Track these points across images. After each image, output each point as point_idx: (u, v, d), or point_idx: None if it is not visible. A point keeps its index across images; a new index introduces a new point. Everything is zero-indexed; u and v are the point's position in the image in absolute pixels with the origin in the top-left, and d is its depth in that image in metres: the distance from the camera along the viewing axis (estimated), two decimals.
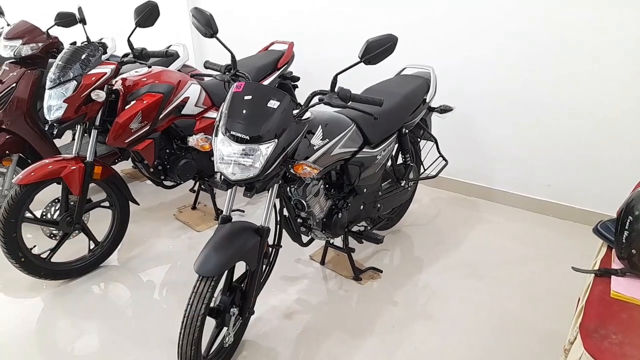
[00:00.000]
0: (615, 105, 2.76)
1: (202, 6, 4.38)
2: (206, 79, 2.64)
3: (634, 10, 2.56)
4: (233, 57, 1.95)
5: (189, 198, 3.50)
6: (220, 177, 1.71)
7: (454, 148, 3.36)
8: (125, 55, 2.46)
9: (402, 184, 2.65)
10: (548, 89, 2.94)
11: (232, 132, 1.63)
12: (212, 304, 1.76)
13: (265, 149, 1.63)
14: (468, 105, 3.26)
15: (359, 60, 1.71)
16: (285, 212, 2.16)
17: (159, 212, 3.35)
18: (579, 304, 1.28)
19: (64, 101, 2.27)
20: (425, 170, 2.85)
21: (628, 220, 1.24)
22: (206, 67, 2.07)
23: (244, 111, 1.66)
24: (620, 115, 2.76)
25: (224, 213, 1.87)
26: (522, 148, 3.18)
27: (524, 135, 3.14)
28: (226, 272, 1.81)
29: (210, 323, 1.81)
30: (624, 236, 1.25)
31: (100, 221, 2.74)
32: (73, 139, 4.24)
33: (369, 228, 2.61)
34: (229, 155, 1.64)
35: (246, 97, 1.68)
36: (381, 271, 2.62)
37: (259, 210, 3.34)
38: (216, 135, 1.70)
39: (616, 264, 1.30)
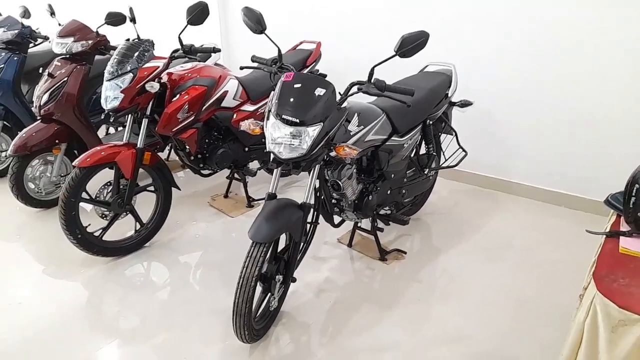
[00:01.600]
0: (625, 100, 2.95)
1: (230, 7, 4.65)
2: (246, 72, 2.86)
3: (634, 11, 2.74)
4: (279, 51, 2.18)
5: (221, 187, 3.73)
6: (270, 156, 1.93)
7: (471, 142, 3.55)
8: (175, 50, 2.69)
9: (425, 172, 2.86)
10: (561, 85, 3.15)
11: (283, 116, 1.85)
12: None
13: (313, 131, 1.84)
14: (486, 101, 3.47)
15: (394, 53, 1.93)
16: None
17: (194, 200, 3.58)
18: (592, 260, 1.48)
19: (120, 92, 2.50)
20: (446, 160, 3.05)
21: (635, 189, 1.44)
22: (253, 61, 2.30)
23: (294, 98, 1.88)
24: (631, 109, 2.95)
25: (270, 190, 2.08)
26: (537, 142, 3.39)
27: (540, 129, 3.34)
28: (272, 243, 2.02)
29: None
30: (631, 202, 1.45)
31: (143, 205, 2.96)
32: (107, 132, 4.52)
33: (393, 212, 2.82)
34: (279, 137, 1.86)
35: (296, 86, 1.90)
36: (405, 252, 2.82)
37: None
38: (267, 119, 1.92)
39: (624, 227, 1.51)
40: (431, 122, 2.77)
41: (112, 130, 4.52)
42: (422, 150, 2.94)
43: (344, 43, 4.04)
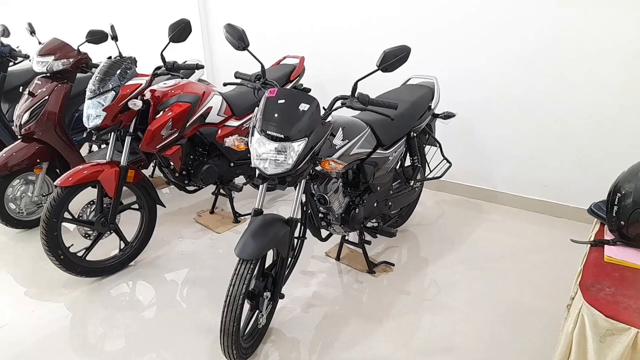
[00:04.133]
0: (606, 109, 3.00)
1: (213, 23, 4.65)
2: (230, 88, 2.86)
3: (622, 19, 2.81)
4: (263, 67, 2.18)
5: (206, 204, 3.70)
6: (256, 172, 1.92)
7: (455, 153, 3.59)
8: (158, 67, 2.68)
9: (411, 184, 2.87)
10: (544, 95, 3.20)
11: (267, 132, 1.85)
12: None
13: (297, 146, 1.84)
14: (468, 111, 3.51)
15: (376, 68, 1.94)
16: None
17: (180, 216, 3.54)
18: (578, 270, 1.49)
19: (103, 110, 2.48)
20: (431, 171, 3.07)
21: (617, 198, 1.46)
22: (236, 77, 2.30)
23: (278, 113, 1.87)
24: (612, 118, 3.01)
25: (256, 206, 2.07)
26: (520, 151, 3.43)
27: (522, 139, 3.39)
28: (259, 260, 2.00)
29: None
30: (614, 211, 1.47)
31: (127, 223, 2.92)
32: (90, 150, 4.47)
33: (380, 224, 2.82)
34: (264, 152, 1.85)
35: (280, 101, 1.90)
36: (393, 265, 2.82)
37: None
38: (252, 135, 1.92)
39: (608, 236, 1.52)
40: (415, 134, 2.79)
41: (95, 148, 4.46)
42: (407, 162, 2.95)
43: (328, 57, 4.06)
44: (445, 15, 3.40)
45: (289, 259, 2.22)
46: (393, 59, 1.91)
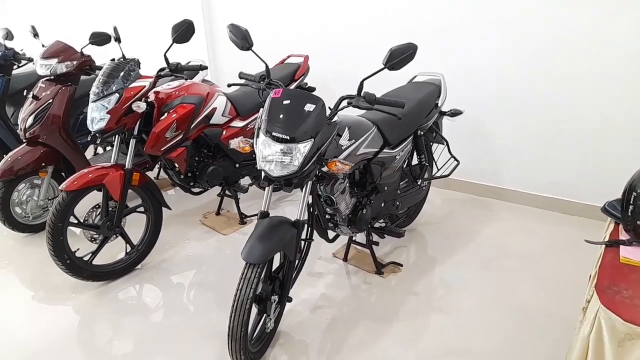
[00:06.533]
0: (614, 105, 2.96)
1: (216, 24, 4.63)
2: (235, 88, 2.83)
3: (628, 15, 2.76)
4: (267, 67, 2.15)
5: (212, 205, 3.68)
6: (262, 174, 1.89)
7: (463, 150, 3.54)
8: (162, 69, 2.66)
9: (418, 183, 2.84)
10: (551, 91, 3.15)
11: (273, 134, 1.82)
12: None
13: (303, 148, 1.81)
14: (475, 109, 3.46)
15: (383, 66, 1.90)
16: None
17: (185, 218, 3.53)
18: (592, 271, 1.45)
19: (107, 112, 2.46)
20: (438, 170, 3.03)
21: (632, 196, 1.42)
22: (240, 77, 2.27)
23: (283, 114, 1.85)
24: (619, 113, 2.96)
25: (262, 209, 2.04)
26: (529, 148, 3.38)
27: (530, 135, 3.34)
28: (266, 263, 1.97)
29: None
30: (630, 210, 1.43)
31: (133, 226, 2.89)
32: (95, 153, 4.46)
33: (388, 224, 2.78)
34: (270, 154, 1.83)
35: (285, 102, 1.87)
36: (401, 265, 2.78)
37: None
38: (257, 137, 1.89)
39: (623, 236, 1.48)
40: (422, 133, 2.75)
41: (100, 150, 4.46)
42: (415, 161, 2.91)
43: (333, 56, 4.03)
44: (452, 12, 3.35)
45: (297, 261, 2.19)
46: (399, 57, 1.88)
